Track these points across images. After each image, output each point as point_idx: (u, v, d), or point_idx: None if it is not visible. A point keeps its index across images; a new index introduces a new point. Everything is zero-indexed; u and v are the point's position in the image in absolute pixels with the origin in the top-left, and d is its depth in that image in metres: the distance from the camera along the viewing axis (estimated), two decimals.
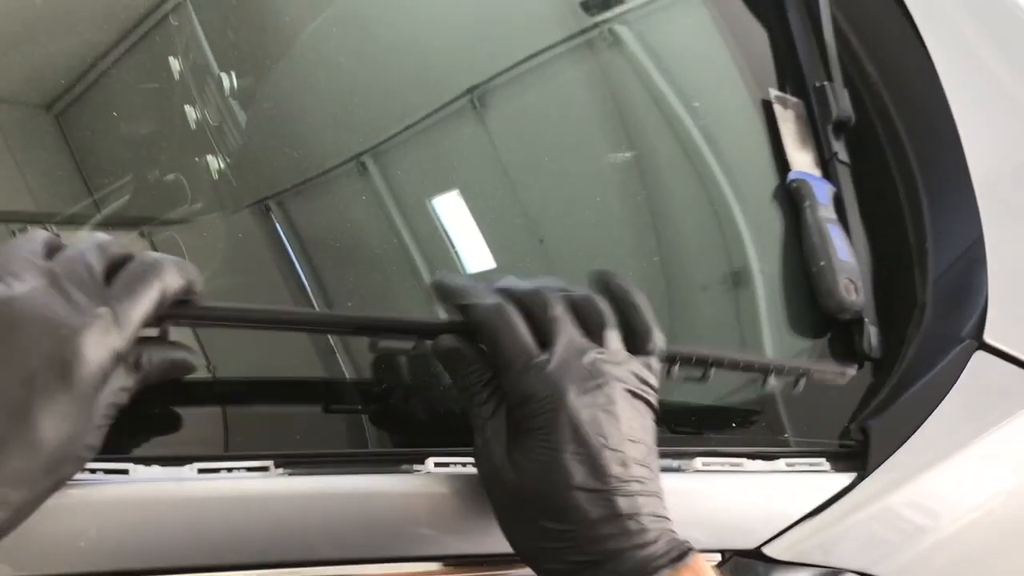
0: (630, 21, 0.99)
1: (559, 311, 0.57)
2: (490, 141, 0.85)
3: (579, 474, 0.52)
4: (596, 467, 0.52)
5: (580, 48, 0.94)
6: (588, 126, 0.90)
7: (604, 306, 0.59)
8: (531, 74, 0.89)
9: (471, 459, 0.58)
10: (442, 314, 0.62)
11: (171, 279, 0.50)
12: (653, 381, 0.58)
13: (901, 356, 0.81)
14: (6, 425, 0.44)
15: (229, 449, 0.57)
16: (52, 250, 0.50)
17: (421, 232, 0.75)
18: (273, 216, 0.72)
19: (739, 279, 0.85)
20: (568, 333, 0.56)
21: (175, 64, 0.77)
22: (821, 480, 0.71)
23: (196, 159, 0.73)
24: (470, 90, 0.84)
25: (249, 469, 0.55)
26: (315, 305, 0.70)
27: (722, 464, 0.69)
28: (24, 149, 0.69)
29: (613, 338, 0.58)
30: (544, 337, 0.56)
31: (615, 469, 0.53)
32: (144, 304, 0.49)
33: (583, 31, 0.94)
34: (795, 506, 0.70)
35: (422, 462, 0.59)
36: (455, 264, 0.75)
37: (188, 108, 0.76)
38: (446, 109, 0.83)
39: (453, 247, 0.75)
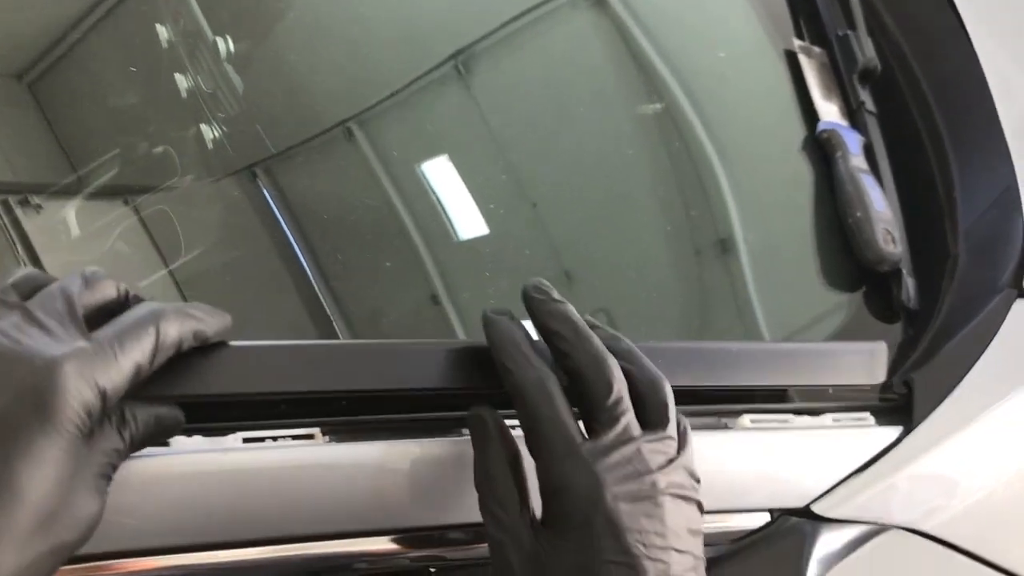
0: None
1: (620, 395, 0.49)
2: (477, 106, 0.82)
3: None
4: None
5: (578, 6, 0.91)
6: (587, 85, 0.87)
7: (670, 395, 0.52)
8: (522, 34, 0.87)
9: None
10: None
11: (172, 328, 0.45)
12: (698, 476, 0.52)
13: (938, 308, 0.79)
14: None
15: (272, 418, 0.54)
16: (29, 288, 0.46)
17: (412, 199, 0.72)
18: (261, 184, 0.71)
19: (765, 236, 0.83)
20: (625, 421, 0.49)
21: (163, 31, 0.74)
22: (867, 435, 0.70)
23: (185, 128, 0.71)
24: (455, 55, 0.82)
25: (295, 437, 0.52)
26: (309, 275, 0.68)
27: (769, 421, 0.67)
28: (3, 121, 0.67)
29: (671, 430, 0.51)
30: (597, 418, 0.49)
31: None
32: (135, 348, 0.43)
33: None
34: (842, 463, 0.68)
35: None
36: (448, 230, 0.73)
37: (178, 76, 0.73)
38: (432, 74, 0.81)
39: (445, 213, 0.73)
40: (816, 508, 0.67)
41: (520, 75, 0.86)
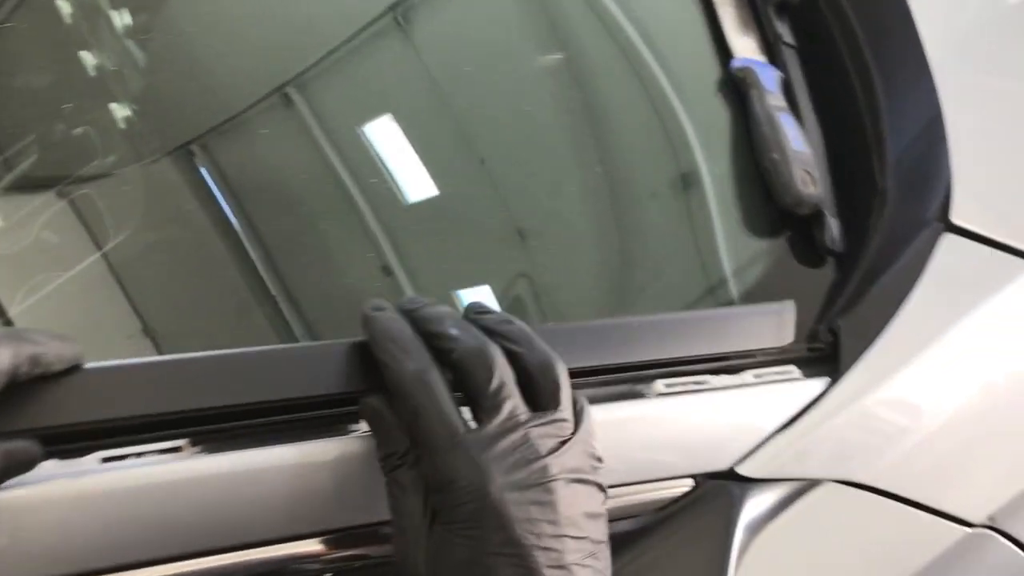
0: None
1: (502, 381, 0.47)
2: (419, 59, 0.78)
3: None
4: (527, 570, 0.44)
5: None
6: (520, 34, 0.83)
7: (563, 376, 0.50)
8: None
9: None
10: None
11: (4, 354, 0.42)
12: (600, 455, 0.49)
13: (865, 247, 0.76)
14: None
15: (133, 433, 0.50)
16: None
17: (357, 164, 0.69)
18: (196, 161, 0.68)
19: (688, 181, 0.79)
20: (509, 407, 0.47)
21: (64, 6, 0.71)
22: (792, 389, 0.67)
23: (99, 109, 0.68)
24: (393, 6, 0.78)
25: (161, 452, 0.49)
26: (248, 252, 0.65)
27: (685, 384, 0.64)
28: None
29: (564, 412, 0.49)
30: (481, 406, 0.47)
31: (549, 573, 0.45)
32: None
33: None
34: (766, 420, 0.65)
35: (358, 421, 0.53)
36: (396, 195, 0.69)
37: (84, 54, 0.70)
38: (371, 27, 0.77)
39: (391, 176, 0.70)
40: (741, 469, 0.64)
41: (462, 24, 0.82)
